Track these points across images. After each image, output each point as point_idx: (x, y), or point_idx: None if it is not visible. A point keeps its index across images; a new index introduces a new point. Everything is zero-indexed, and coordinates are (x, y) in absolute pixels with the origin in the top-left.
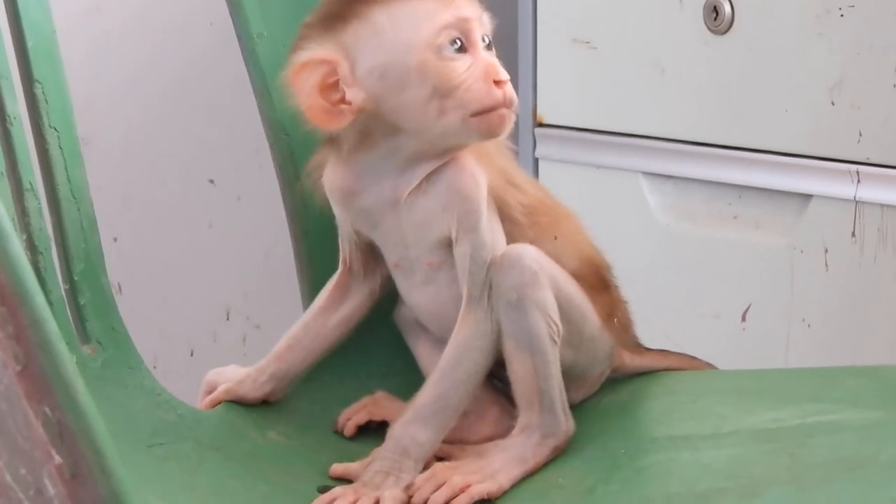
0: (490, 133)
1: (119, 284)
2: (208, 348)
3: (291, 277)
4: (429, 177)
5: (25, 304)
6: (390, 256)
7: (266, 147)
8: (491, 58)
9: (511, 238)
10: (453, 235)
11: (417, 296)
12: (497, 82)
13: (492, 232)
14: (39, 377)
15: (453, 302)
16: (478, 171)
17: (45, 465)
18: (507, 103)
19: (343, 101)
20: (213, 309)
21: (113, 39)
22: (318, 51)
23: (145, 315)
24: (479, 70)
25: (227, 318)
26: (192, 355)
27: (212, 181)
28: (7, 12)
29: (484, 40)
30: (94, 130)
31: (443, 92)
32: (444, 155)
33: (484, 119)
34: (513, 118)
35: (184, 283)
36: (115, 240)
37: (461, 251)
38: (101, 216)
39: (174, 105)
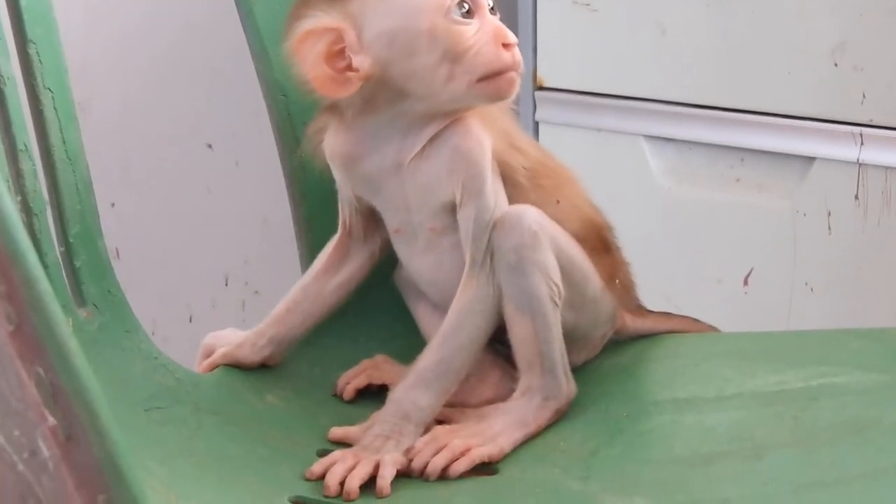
0: (498, 97)
1: (117, 250)
2: (207, 314)
3: (290, 243)
4: (432, 141)
5: (17, 263)
6: (391, 222)
7: (265, 112)
8: (498, 21)
9: (514, 201)
10: (458, 199)
11: (419, 262)
12: (506, 45)
13: (495, 195)
14: (32, 337)
15: (455, 268)
16: (482, 134)
17: (38, 427)
18: (515, 66)
19: (349, 68)
20: (212, 274)
21: (111, 3)
22: (323, 18)
23: (144, 281)
24: (487, 33)
25: (226, 284)
26: (190, 321)
27: (210, 146)
28: None
29: (489, 3)
30: (92, 95)
31: (452, 56)
32: (447, 117)
33: (492, 83)
34: (519, 81)
35: (182, 249)
36: (113, 205)
37: (465, 215)
38: (98, 181)
39: (172, 70)
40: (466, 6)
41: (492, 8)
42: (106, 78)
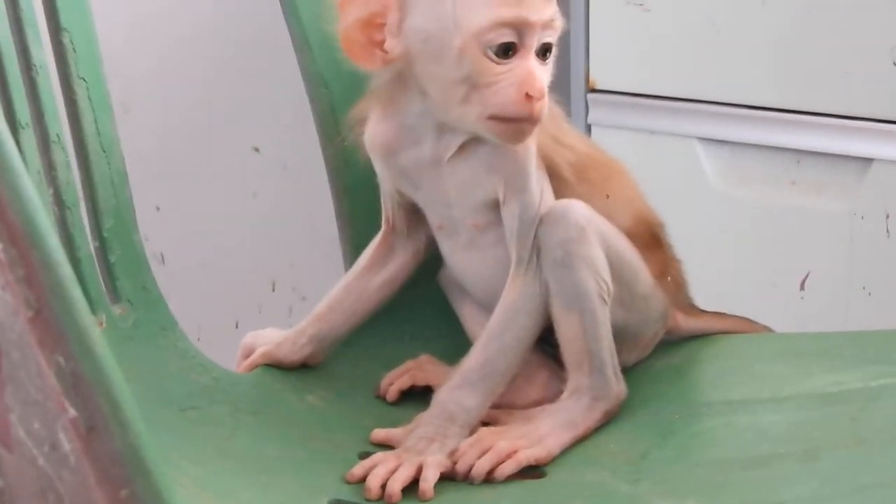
0: (503, 139)
1: (162, 254)
2: (253, 320)
3: (338, 248)
4: (473, 137)
5: (37, 246)
6: (433, 218)
7: (311, 115)
8: (537, 68)
9: (560, 196)
10: (501, 197)
11: (461, 259)
12: (529, 96)
13: (541, 191)
14: (52, 324)
15: (498, 265)
16: None
17: (59, 419)
18: (531, 119)
19: (381, 45)
20: (259, 280)
21: (157, 4)
22: None
23: (189, 286)
24: (517, 76)
25: (273, 290)
26: (236, 327)
27: (256, 149)
28: None
29: (543, 47)
30: (135, 96)
31: (472, 83)
32: None
33: (501, 125)
34: (532, 132)
35: (228, 254)
36: (158, 209)
37: (509, 212)
38: (143, 184)
39: (218, 71)
40: (510, 43)
41: (545, 51)
42: (150, 80)
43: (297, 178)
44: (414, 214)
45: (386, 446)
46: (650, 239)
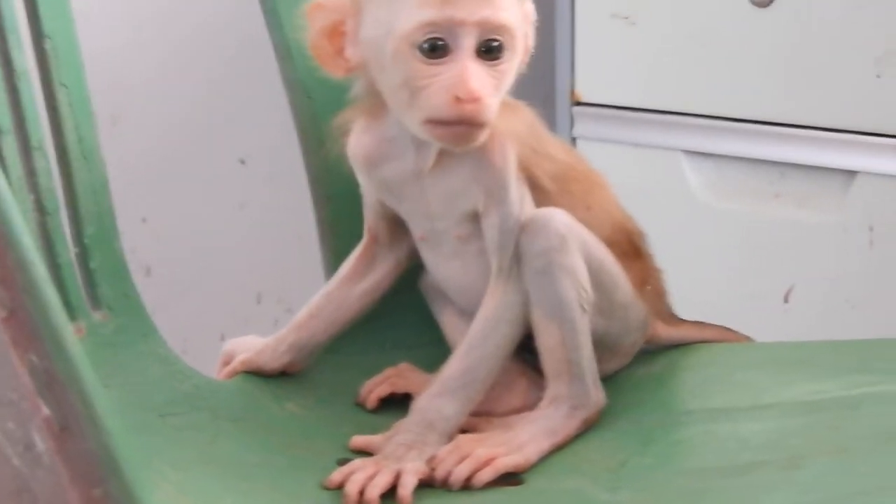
0: (448, 144)
1: (148, 266)
2: (239, 332)
3: (316, 262)
4: None
5: (12, 246)
6: (416, 229)
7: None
8: (473, 70)
9: (541, 206)
10: (481, 208)
11: (445, 269)
12: (459, 99)
13: (521, 202)
14: (26, 323)
15: (482, 275)
16: (504, 141)
17: (33, 419)
18: (466, 122)
19: (343, 53)
20: (245, 292)
21: (144, 17)
22: None
23: (175, 297)
24: (447, 79)
25: (259, 302)
26: (222, 339)
27: (242, 161)
28: None
29: (486, 46)
30: (123, 108)
31: (410, 87)
32: None
33: (439, 129)
34: (480, 134)
35: (214, 266)
36: (144, 220)
37: (490, 223)
38: (130, 196)
39: (204, 85)
40: (441, 43)
41: (493, 52)
42: (138, 92)
43: (283, 190)
44: (396, 225)
45: (365, 453)
46: (630, 248)
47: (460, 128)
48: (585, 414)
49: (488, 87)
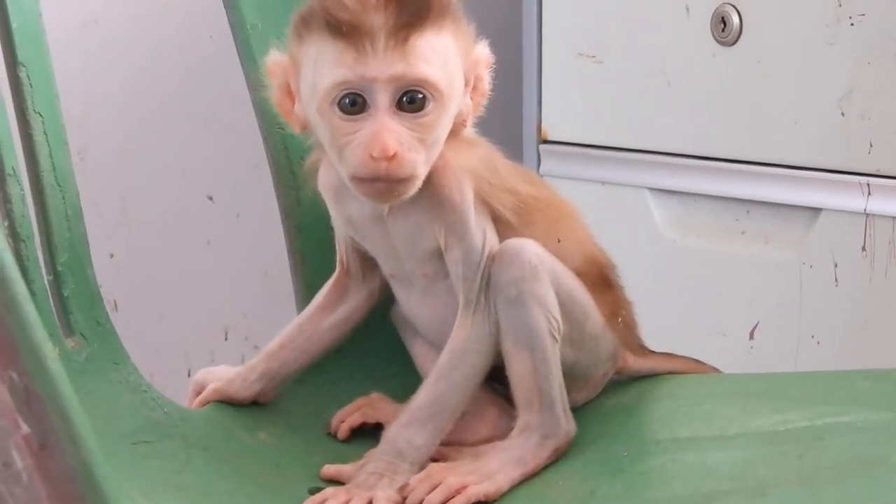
0: (373, 200)
1: (115, 301)
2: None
3: (291, 298)
4: None
5: None
6: (385, 267)
7: (266, 164)
8: (389, 126)
9: (505, 239)
10: (443, 244)
11: (417, 307)
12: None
13: (483, 233)
14: (6, 340)
15: (452, 311)
16: (460, 177)
17: (12, 436)
18: (383, 179)
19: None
20: (211, 328)
21: (111, 52)
22: (282, 56)
23: (142, 333)
24: (364, 136)
25: (226, 338)
26: (189, 375)
27: (210, 198)
28: None
29: (408, 99)
30: (91, 143)
31: (336, 144)
32: None
33: (361, 185)
34: (406, 188)
35: (181, 302)
36: (112, 256)
37: (453, 258)
38: (97, 231)
39: (172, 120)
40: (358, 101)
41: (414, 103)
42: (106, 126)
43: (251, 227)
44: (368, 258)
45: (337, 482)
46: (600, 280)
47: (380, 184)
48: (556, 443)
49: (407, 141)
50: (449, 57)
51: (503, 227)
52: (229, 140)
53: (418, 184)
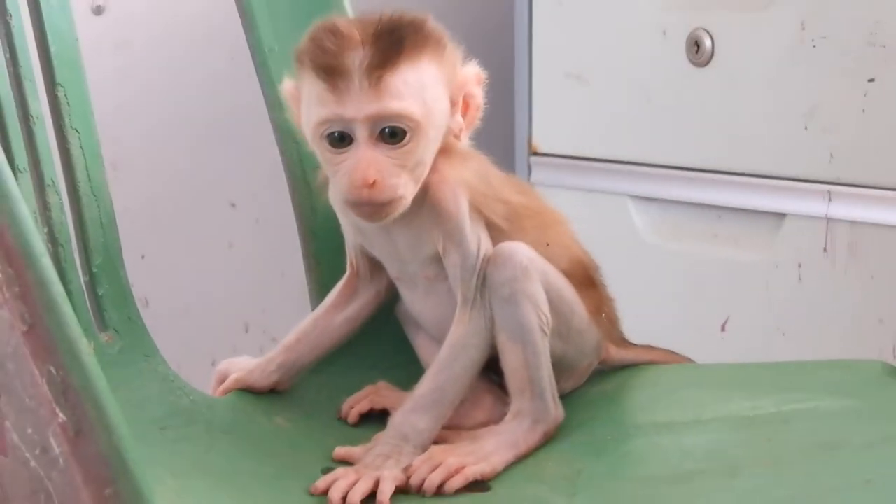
0: (363, 220)
1: (146, 298)
2: (228, 358)
3: (305, 295)
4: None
5: (32, 265)
6: (390, 270)
7: (283, 173)
8: (369, 157)
9: (498, 242)
10: (441, 250)
11: (420, 306)
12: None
13: (478, 239)
14: (45, 336)
15: (453, 309)
16: (455, 188)
17: (50, 424)
18: (366, 203)
19: None
20: (233, 323)
21: (141, 72)
22: (290, 82)
23: (170, 327)
24: (348, 166)
25: (246, 332)
26: (213, 365)
27: (233, 205)
28: (32, 19)
29: (390, 132)
30: (124, 156)
31: (329, 171)
32: None
33: (353, 208)
34: (393, 208)
35: (206, 299)
36: (143, 257)
37: (451, 262)
38: (129, 235)
39: (197, 134)
40: (341, 135)
41: (395, 136)
42: (137, 141)
43: (269, 231)
44: (375, 261)
45: (347, 463)
46: (585, 279)
47: (367, 208)
48: (545, 428)
49: (387, 168)
50: (427, 86)
51: (496, 233)
52: (250, 152)
53: (406, 203)
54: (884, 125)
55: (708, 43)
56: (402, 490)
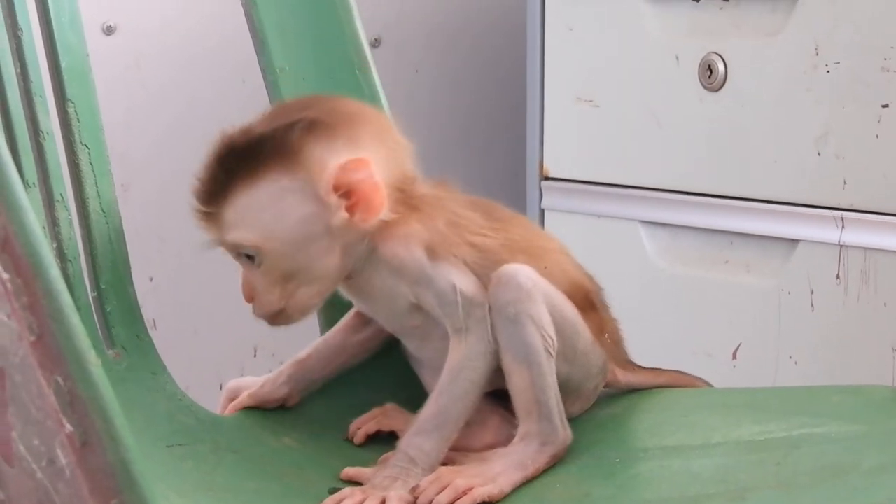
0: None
1: (154, 321)
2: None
3: (314, 319)
4: (367, 257)
5: (40, 276)
6: (384, 326)
7: None
8: (242, 277)
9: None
10: (413, 298)
11: (420, 354)
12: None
13: (448, 276)
14: (52, 347)
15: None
16: (406, 242)
17: (56, 435)
18: (260, 316)
19: None
20: (242, 346)
21: (151, 94)
22: None
23: (178, 349)
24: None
25: (255, 355)
26: (221, 388)
27: None
28: (42, 35)
29: (251, 257)
30: (132, 178)
31: None
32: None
33: None
34: (285, 320)
35: (214, 321)
36: (151, 279)
37: (428, 304)
38: (138, 257)
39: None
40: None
41: (251, 258)
42: (146, 162)
43: None
44: None
45: (354, 483)
46: (586, 303)
47: (263, 319)
48: (554, 450)
49: (261, 285)
50: (267, 207)
51: (493, 263)
52: None
53: (299, 311)
54: None
55: (721, 68)
56: None
